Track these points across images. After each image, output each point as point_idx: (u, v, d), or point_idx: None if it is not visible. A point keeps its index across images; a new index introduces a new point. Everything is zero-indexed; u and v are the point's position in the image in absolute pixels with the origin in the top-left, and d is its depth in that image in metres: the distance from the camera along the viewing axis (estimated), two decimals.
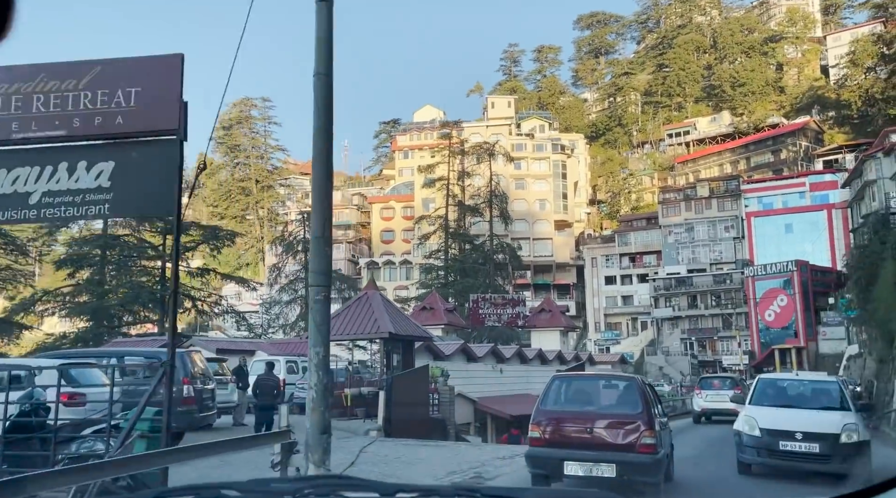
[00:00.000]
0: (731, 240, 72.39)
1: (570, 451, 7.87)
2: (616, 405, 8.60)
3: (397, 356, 17.12)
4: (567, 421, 8.18)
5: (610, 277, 79.68)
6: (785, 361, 62.86)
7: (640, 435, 7.76)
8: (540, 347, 37.96)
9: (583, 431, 7.95)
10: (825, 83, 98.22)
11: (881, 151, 56.28)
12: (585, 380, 10.87)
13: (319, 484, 1.66)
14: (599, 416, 8.20)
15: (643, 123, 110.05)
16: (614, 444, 7.78)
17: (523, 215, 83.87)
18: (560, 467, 7.77)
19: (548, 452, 8.01)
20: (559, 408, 8.52)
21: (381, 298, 17.31)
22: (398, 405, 14.59)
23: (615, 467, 7.58)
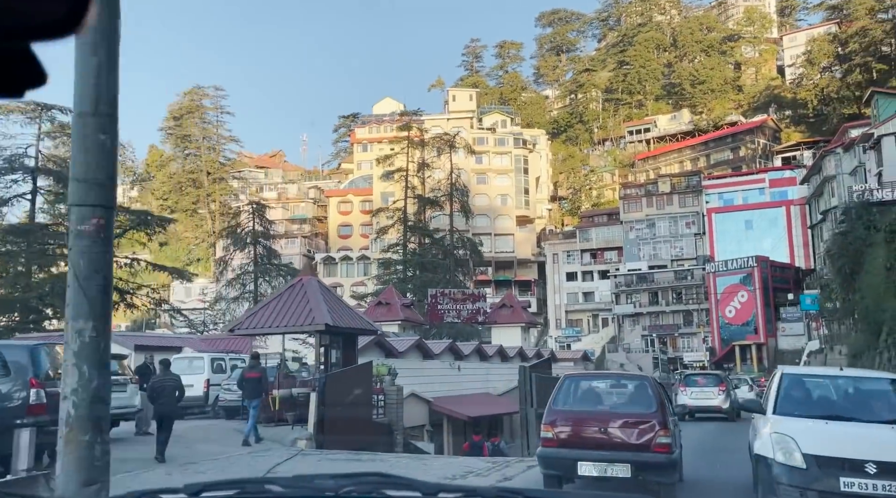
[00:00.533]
0: (692, 236, 71.73)
1: (584, 451, 7.60)
2: (629, 404, 8.28)
3: (337, 352, 14.73)
4: (580, 421, 7.92)
5: (571, 273, 78.36)
6: (745, 357, 62.34)
7: (656, 434, 7.49)
8: (500, 344, 35.93)
9: (596, 431, 7.70)
10: (781, 83, 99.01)
11: (840, 147, 55.93)
12: (597, 379, 10.44)
13: (362, 481, 1.66)
14: (613, 415, 7.94)
15: (604, 120, 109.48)
16: (629, 443, 7.53)
17: (485, 210, 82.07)
18: (574, 468, 7.54)
19: (561, 452, 7.73)
20: (571, 408, 8.24)
21: (319, 286, 14.90)
22: (333, 409, 12.26)
23: (630, 467, 7.36)
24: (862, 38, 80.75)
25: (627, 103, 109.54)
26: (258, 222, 48.62)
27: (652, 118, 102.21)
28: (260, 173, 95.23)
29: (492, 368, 32.11)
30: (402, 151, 59.23)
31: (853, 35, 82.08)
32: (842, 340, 44.80)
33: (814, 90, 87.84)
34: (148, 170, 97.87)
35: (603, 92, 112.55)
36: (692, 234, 71.81)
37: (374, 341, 24.15)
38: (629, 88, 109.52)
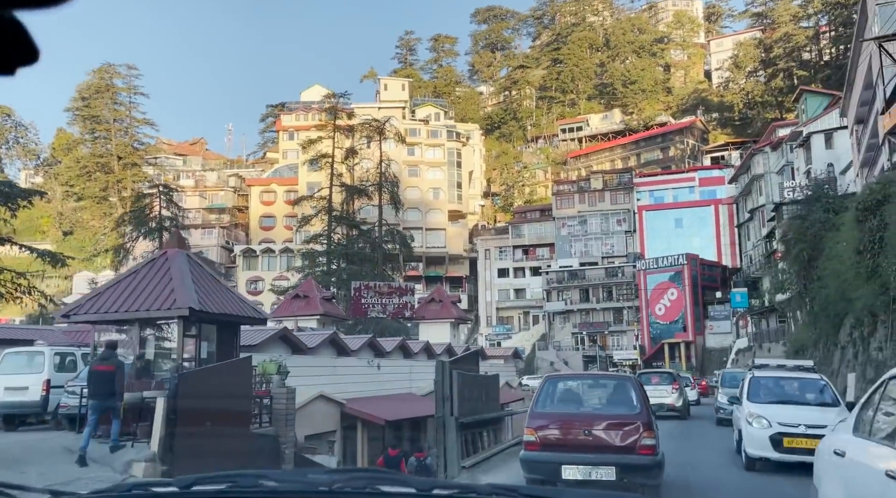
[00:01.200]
0: (623, 233, 71.07)
1: (568, 454, 7.46)
2: (613, 406, 8.11)
3: (209, 345, 11.53)
4: (563, 423, 7.78)
5: (503, 269, 76.50)
6: (674, 355, 61.87)
7: (641, 436, 7.40)
8: (427, 340, 33.14)
9: (580, 433, 7.55)
10: (709, 86, 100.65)
11: (769, 146, 56.02)
12: (579, 379, 10.16)
13: (356, 477, 1.69)
14: (597, 417, 7.82)
15: (537, 118, 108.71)
16: (613, 446, 7.42)
17: (416, 204, 79.26)
18: (557, 472, 7.36)
19: (544, 455, 7.56)
20: (554, 410, 8.08)
21: (188, 261, 11.64)
22: (191, 419, 9.11)
23: (615, 470, 7.25)
24: (786, 43, 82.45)
25: (560, 102, 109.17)
26: (166, 207, 44.18)
27: (584, 117, 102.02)
28: (178, 161, 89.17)
29: (416, 366, 29.25)
30: (328, 137, 55.62)
31: (777, 40, 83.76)
32: (771, 337, 44.40)
33: (740, 94, 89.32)
34: (54, 154, 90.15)
35: (537, 89, 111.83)
36: (623, 231, 71.17)
37: (279, 335, 20.91)
38: (562, 87, 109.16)
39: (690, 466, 10.70)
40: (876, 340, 13.78)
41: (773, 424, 9.63)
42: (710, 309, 62.04)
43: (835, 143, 44.50)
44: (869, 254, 13.61)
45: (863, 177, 38.74)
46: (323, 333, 24.13)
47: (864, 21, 30.43)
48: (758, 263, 56.21)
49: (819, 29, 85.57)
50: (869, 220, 13.72)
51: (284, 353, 20.73)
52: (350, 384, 22.12)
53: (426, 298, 44.48)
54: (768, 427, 9.64)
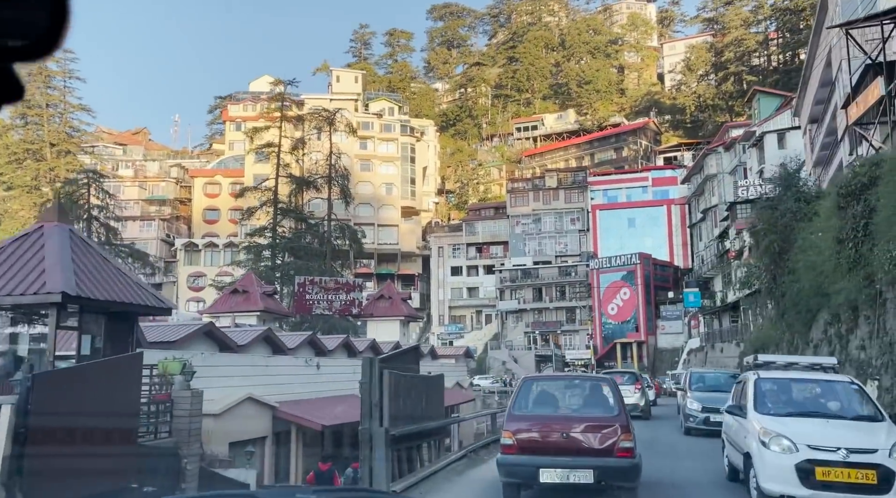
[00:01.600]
0: (577, 232, 70.43)
1: (545, 457, 7.24)
2: (590, 407, 7.92)
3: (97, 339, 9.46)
4: (541, 426, 7.57)
5: (456, 267, 74.99)
6: (626, 355, 61.39)
7: (618, 439, 7.21)
8: (373, 338, 31.28)
9: (558, 436, 7.35)
10: (661, 89, 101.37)
11: (722, 146, 55.99)
12: (557, 381, 9.95)
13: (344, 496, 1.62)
14: (574, 419, 7.62)
15: (493, 116, 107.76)
16: (591, 448, 7.24)
17: (368, 199, 77.07)
18: (535, 475, 7.17)
19: (521, 459, 7.32)
20: (531, 412, 7.88)
21: (70, 237, 9.51)
22: (49, 433, 7.10)
23: (593, 473, 7.09)
24: (737, 47, 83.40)
25: (516, 100, 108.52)
26: (95, 195, 41.06)
27: (539, 116, 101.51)
28: (119, 150, 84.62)
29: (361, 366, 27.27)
30: (275, 126, 53.08)
31: (728, 44, 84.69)
32: (724, 337, 44.04)
33: (692, 96, 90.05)
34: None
35: (493, 88, 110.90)
36: (577, 230, 70.53)
37: (204, 331, 18.75)
38: (518, 85, 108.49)
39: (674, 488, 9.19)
40: (857, 338, 12.58)
41: (801, 446, 7.14)
42: (663, 309, 61.81)
43: (787, 143, 44.41)
44: (851, 243, 12.40)
45: (816, 176, 38.56)
46: (256, 330, 22.03)
47: (822, 17, 29.96)
48: (710, 264, 56.14)
49: (768, 35, 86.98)
50: (851, 206, 12.52)
51: (210, 350, 18.61)
52: (285, 385, 20.09)
53: (375, 294, 42.56)
54: (793, 452, 7.14)
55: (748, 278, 17.24)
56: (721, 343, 42.95)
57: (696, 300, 49.82)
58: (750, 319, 35.77)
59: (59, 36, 0.91)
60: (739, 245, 42.63)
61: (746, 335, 36.91)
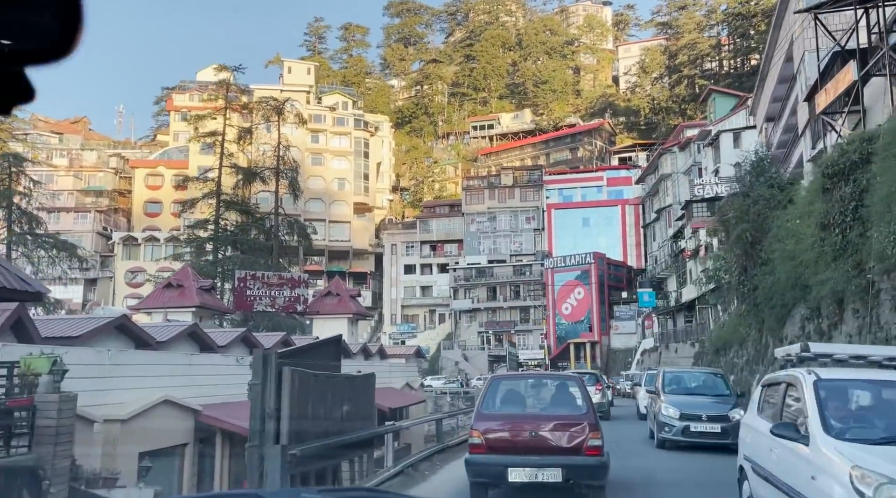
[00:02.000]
0: (532, 231, 69.46)
1: (514, 456, 7.15)
2: (558, 406, 7.94)
3: None
4: (509, 425, 7.49)
5: (410, 265, 73.17)
6: (579, 355, 60.63)
7: (587, 437, 7.15)
8: (317, 336, 29.28)
9: (526, 435, 7.26)
10: (616, 91, 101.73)
11: (677, 146, 55.72)
12: (525, 380, 9.65)
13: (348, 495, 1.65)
14: (543, 418, 7.59)
15: (449, 114, 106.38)
16: (560, 447, 7.19)
17: (320, 194, 74.59)
18: (503, 474, 7.12)
19: (489, 458, 7.26)
20: (500, 411, 7.78)
21: None
22: None
23: (561, 471, 7.05)
24: (690, 51, 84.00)
25: (472, 99, 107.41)
26: (17, 181, 37.81)
27: (496, 115, 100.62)
28: (54, 138, 79.88)
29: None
30: (220, 113, 50.32)
31: (682, 48, 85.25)
32: (678, 337, 43.44)
33: (646, 99, 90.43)
34: None
35: (449, 85, 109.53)
36: (532, 229, 69.57)
37: (115, 325, 16.52)
38: (475, 84, 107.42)
39: None
40: (842, 334, 11.34)
41: None
42: (616, 309, 61.29)
43: (742, 142, 44.10)
44: (838, 229, 11.15)
45: None
46: (180, 325, 19.84)
47: (784, 7, 29.39)
48: (664, 264, 55.78)
49: (721, 41, 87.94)
50: (838, 187, 11.27)
51: (123, 347, 16.40)
52: (211, 386, 17.99)
53: (322, 291, 40.45)
54: None
55: (716, 272, 15.97)
56: (675, 343, 42.30)
57: (650, 300, 49.25)
58: (710, 318, 35.05)
59: (73, 40, 0.92)
60: (695, 244, 42.08)
61: (703, 334, 36.24)
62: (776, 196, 14.28)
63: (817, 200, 11.77)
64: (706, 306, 37.69)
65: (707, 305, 37.68)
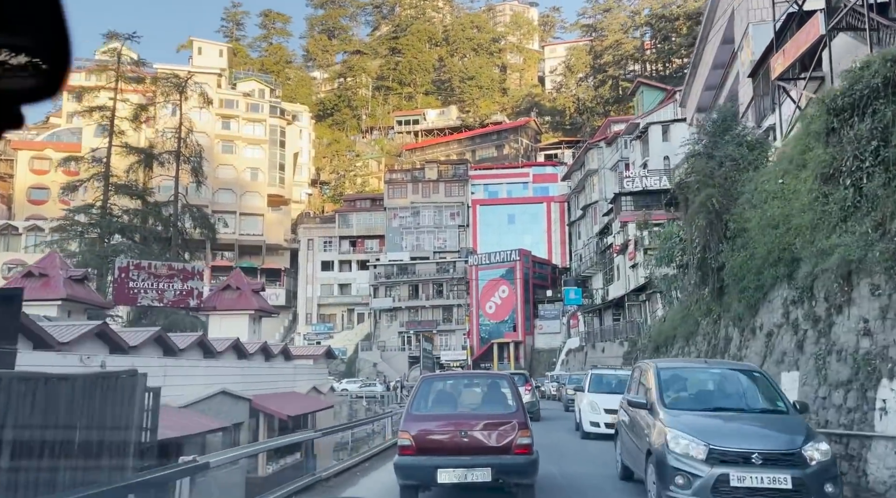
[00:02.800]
0: (457, 227, 66.58)
1: (443, 457, 7.02)
2: (489, 405, 7.80)
3: None
4: (438, 425, 7.35)
5: (327, 262, 68.80)
6: (503, 356, 58.13)
7: (516, 435, 7.09)
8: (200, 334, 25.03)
9: (456, 435, 7.12)
10: (542, 92, 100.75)
11: (604, 141, 54.17)
12: (456, 379, 9.46)
13: None
14: (473, 417, 7.48)
15: (373, 108, 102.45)
16: (489, 446, 7.06)
17: (230, 184, 69.13)
18: (433, 476, 7.01)
19: (418, 460, 7.10)
20: (429, 412, 7.66)
21: None
22: None
23: (491, 471, 6.95)
24: (615, 50, 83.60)
25: (398, 93, 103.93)
26: None
27: (421, 110, 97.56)
28: None
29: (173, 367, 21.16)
30: (108, 85, 44.78)
31: (608, 47, 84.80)
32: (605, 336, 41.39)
33: (571, 98, 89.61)
34: None
35: (374, 79, 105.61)
36: (456, 225, 66.68)
37: None
38: (400, 78, 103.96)
39: None
40: (850, 319, 8.58)
41: None
42: (541, 308, 59.18)
43: (672, 135, 42.64)
44: (850, 178, 8.38)
45: None
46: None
47: None
48: (589, 262, 54.03)
49: (644, 45, 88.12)
50: (850, 125, 8.49)
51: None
52: None
53: (220, 284, 35.83)
54: None
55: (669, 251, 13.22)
56: (602, 342, 40.21)
57: (576, 297, 47.20)
58: (641, 314, 32.92)
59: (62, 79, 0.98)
60: (623, 239, 40.16)
61: (633, 332, 34.12)
62: (746, 156, 11.71)
63: (817, 147, 9.03)
64: (636, 303, 35.66)
65: (637, 302, 35.65)
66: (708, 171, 11.80)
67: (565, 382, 31.58)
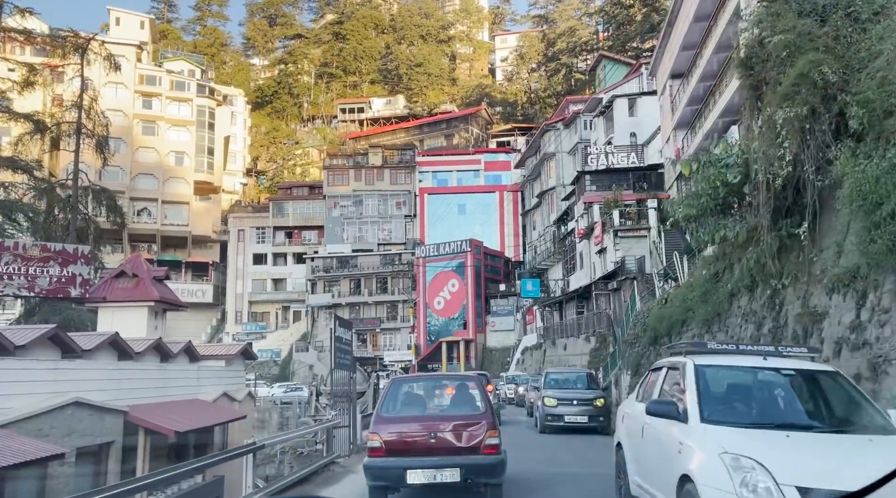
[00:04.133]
0: (403, 218, 61.27)
1: (413, 458, 7.06)
2: (457, 406, 7.81)
3: None
4: (408, 427, 7.33)
5: (260, 255, 62.44)
6: (452, 355, 53.15)
7: (485, 436, 7.13)
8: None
9: (425, 436, 7.16)
10: (492, 82, 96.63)
11: (561, 122, 49.90)
12: (425, 381, 9.48)
13: None
14: (441, 418, 7.52)
15: (315, 96, 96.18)
16: (458, 447, 7.09)
17: (151, 169, 62.01)
18: (402, 477, 7.03)
19: (388, 461, 7.11)
20: (399, 413, 7.63)
21: None
22: None
23: (460, 471, 6.96)
24: (569, 37, 79.98)
25: (342, 81, 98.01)
26: None
27: (367, 98, 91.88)
28: None
29: (19, 371, 15.39)
30: None
31: (561, 34, 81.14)
32: (567, 331, 36.86)
33: (523, 88, 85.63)
34: None
35: (317, 66, 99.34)
36: (402, 215, 61.36)
37: None
38: (345, 65, 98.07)
39: None
40: None
41: None
42: (493, 303, 54.50)
43: (639, 109, 38.59)
44: None
45: (677, 141, 32.50)
46: None
47: None
48: (545, 253, 49.62)
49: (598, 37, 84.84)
50: None
51: None
52: None
53: (114, 270, 29.51)
54: None
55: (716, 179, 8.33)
56: (564, 339, 35.64)
57: (534, 289, 42.59)
58: (618, 302, 28.35)
59: None
60: (588, 222, 35.71)
61: (601, 325, 29.59)
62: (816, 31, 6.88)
63: None
64: (605, 292, 31.14)
65: (606, 291, 31.12)
66: (803, 30, 7.03)
67: (525, 382, 27.37)
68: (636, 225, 30.00)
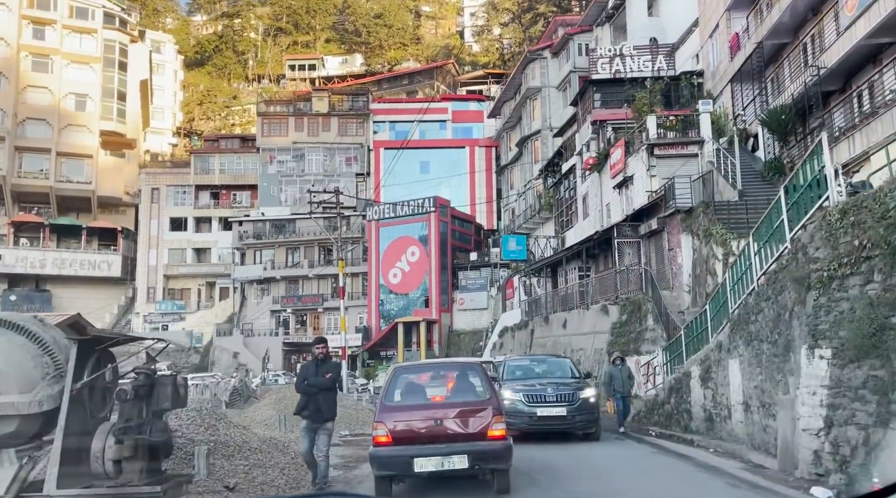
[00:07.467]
0: (353, 176, 50.09)
1: (420, 446, 6.89)
2: (461, 393, 7.64)
3: None
4: (413, 415, 7.16)
5: (179, 219, 50.60)
6: (410, 340, 42.34)
7: (491, 422, 7.00)
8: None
9: (431, 424, 6.99)
10: (461, 44, 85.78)
11: (549, 49, 39.33)
12: (428, 368, 9.31)
13: None
14: (447, 406, 7.34)
15: (262, 54, 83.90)
16: (465, 434, 6.97)
17: (44, 114, 49.51)
18: (410, 465, 6.83)
19: (395, 450, 6.92)
20: (404, 402, 7.49)
21: None
22: None
23: (467, 458, 6.81)
24: None
25: (294, 39, 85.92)
26: None
27: (320, 55, 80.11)
28: None
29: None
30: None
31: None
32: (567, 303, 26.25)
33: (495, 43, 74.98)
34: None
35: (266, 22, 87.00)
36: (353, 173, 50.19)
37: None
38: (296, 20, 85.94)
39: None
40: None
41: None
42: (462, 277, 43.84)
43: (660, 6, 28.22)
44: None
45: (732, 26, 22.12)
46: None
47: None
48: (529, 212, 39.09)
49: None
50: None
51: None
52: None
53: None
54: None
55: None
56: (563, 312, 25.08)
57: (519, 249, 31.97)
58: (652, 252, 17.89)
59: None
60: (599, 147, 25.15)
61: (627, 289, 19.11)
62: None
63: None
64: (632, 240, 20.65)
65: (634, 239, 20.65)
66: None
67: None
68: (681, 139, 19.61)
